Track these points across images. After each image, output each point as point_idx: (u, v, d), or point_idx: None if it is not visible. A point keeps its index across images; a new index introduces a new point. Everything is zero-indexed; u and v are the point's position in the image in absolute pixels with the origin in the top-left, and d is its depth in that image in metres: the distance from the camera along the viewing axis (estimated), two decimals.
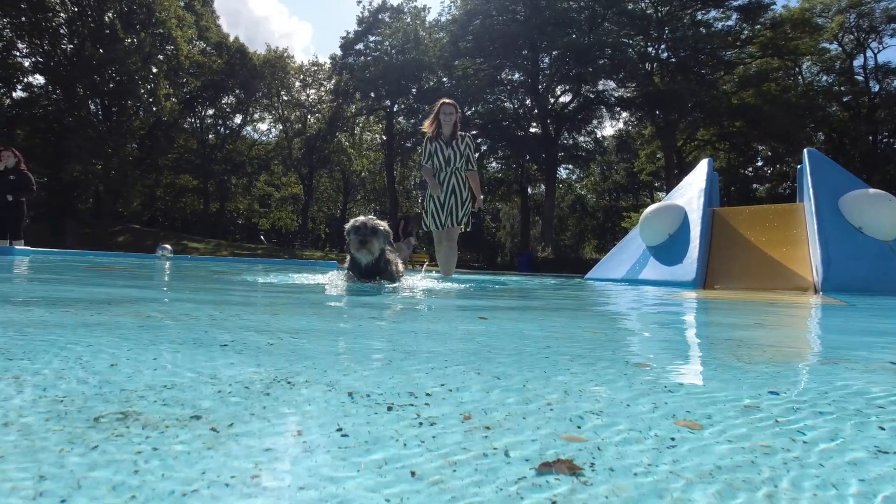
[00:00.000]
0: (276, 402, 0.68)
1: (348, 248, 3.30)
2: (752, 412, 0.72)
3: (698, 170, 7.60)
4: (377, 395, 0.74)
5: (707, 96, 26.06)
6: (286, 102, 38.21)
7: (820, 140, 30.55)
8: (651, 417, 0.68)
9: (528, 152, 29.90)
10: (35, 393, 0.68)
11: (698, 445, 0.58)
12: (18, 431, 0.54)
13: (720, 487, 0.48)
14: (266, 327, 1.41)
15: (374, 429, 0.60)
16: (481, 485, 0.46)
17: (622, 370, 0.99)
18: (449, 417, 0.65)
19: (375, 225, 3.25)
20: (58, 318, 1.40)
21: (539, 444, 0.57)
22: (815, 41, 27.91)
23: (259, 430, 0.58)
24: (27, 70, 27.51)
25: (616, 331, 1.87)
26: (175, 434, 0.55)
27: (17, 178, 8.14)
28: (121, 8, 27.58)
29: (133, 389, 0.71)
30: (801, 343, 1.76)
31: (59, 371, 0.80)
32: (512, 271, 21.14)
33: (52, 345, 1.00)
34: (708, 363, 1.20)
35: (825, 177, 6.39)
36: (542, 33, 26.81)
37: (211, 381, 0.78)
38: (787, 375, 1.05)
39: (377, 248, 3.22)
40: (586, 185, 42.83)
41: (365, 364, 0.99)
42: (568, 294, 4.04)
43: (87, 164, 26.36)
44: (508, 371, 0.94)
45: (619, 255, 7.84)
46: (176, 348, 1.02)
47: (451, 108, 5.46)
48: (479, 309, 2.34)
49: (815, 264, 5.49)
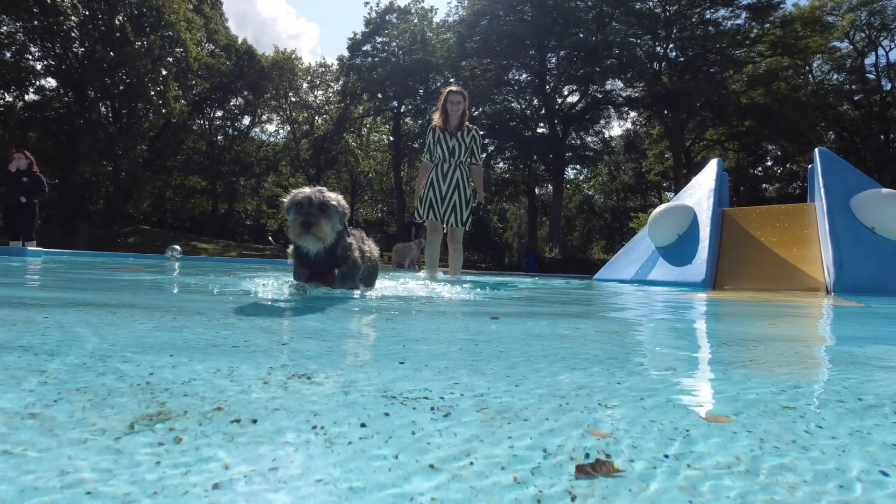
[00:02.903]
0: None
1: (288, 232, 2.42)
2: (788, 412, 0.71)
3: (707, 170, 7.55)
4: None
5: (716, 95, 25.86)
6: (294, 104, 38.42)
7: (831, 139, 30.28)
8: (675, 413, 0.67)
9: (536, 152, 29.85)
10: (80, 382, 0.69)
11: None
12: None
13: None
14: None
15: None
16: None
17: (648, 371, 0.99)
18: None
19: (325, 199, 2.38)
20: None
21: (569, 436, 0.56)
22: (826, 39, 27.63)
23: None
24: (39, 73, 27.82)
25: (636, 332, 1.86)
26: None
27: (29, 179, 8.24)
28: (131, 11, 27.85)
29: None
30: (822, 343, 1.74)
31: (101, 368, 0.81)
32: (519, 272, 21.11)
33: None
34: (729, 362, 1.19)
35: (837, 176, 6.33)
36: (549, 33, 26.76)
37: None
38: (806, 376, 1.04)
39: (329, 232, 2.38)
40: (594, 185, 42.69)
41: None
42: (592, 297, 4.02)
43: (97, 165, 26.66)
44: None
45: (628, 255, 7.81)
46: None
47: (459, 96, 5.23)
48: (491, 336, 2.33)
49: (827, 265, 5.43)
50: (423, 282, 4.14)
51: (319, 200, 2.37)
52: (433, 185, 5.31)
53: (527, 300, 3.17)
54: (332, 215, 2.40)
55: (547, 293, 4.00)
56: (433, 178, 5.34)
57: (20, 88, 27.54)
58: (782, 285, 5.59)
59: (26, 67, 27.14)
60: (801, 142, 26.62)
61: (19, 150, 8.57)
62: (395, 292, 2.92)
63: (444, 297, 2.86)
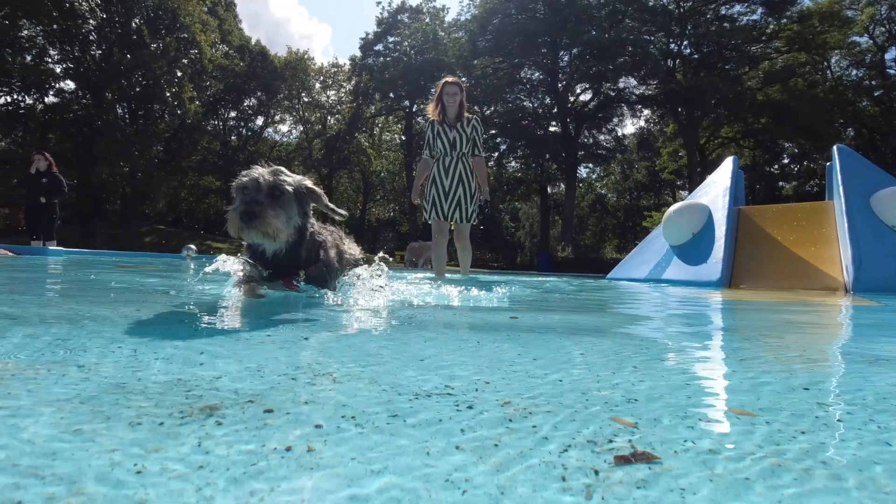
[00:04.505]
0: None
1: (226, 225, 1.84)
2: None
3: (723, 168, 7.47)
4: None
5: (731, 92, 25.54)
6: (306, 104, 38.69)
7: (850, 136, 29.73)
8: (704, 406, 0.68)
9: (548, 151, 29.74)
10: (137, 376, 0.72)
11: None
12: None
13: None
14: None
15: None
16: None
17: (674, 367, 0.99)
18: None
19: (277, 182, 1.84)
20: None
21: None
22: (845, 34, 27.12)
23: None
24: (59, 76, 28.33)
25: (658, 329, 1.86)
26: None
27: (48, 180, 8.41)
28: (147, 13, 28.26)
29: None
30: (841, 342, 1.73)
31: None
32: (532, 271, 21.05)
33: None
34: (751, 357, 1.19)
35: (856, 174, 6.22)
36: (562, 31, 26.65)
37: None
38: (825, 372, 1.04)
39: (281, 227, 1.81)
40: (606, 184, 42.41)
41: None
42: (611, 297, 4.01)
43: (114, 166, 27.09)
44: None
45: (642, 254, 7.75)
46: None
47: (455, 87, 4.98)
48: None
49: (846, 264, 5.35)
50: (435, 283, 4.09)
51: (270, 184, 1.82)
52: (435, 181, 5.08)
53: (545, 301, 3.17)
54: (287, 204, 1.85)
55: (572, 291, 4.00)
56: (434, 174, 5.11)
57: (40, 91, 28.07)
58: (800, 284, 5.52)
59: (46, 70, 27.65)
60: (818, 139, 26.18)
61: (38, 151, 8.76)
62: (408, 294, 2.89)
63: (472, 298, 2.84)
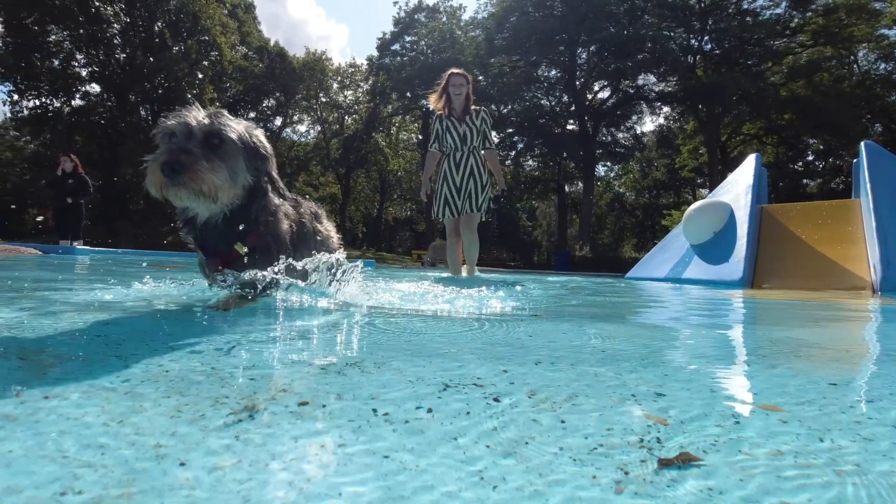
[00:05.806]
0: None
1: (145, 181, 1.46)
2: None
3: (745, 165, 7.34)
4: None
5: (754, 88, 24.98)
6: (324, 104, 39.03)
7: (877, 132, 28.90)
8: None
9: (566, 150, 29.52)
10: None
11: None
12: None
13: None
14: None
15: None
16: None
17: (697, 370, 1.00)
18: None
19: (216, 128, 1.43)
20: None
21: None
22: (873, 27, 26.31)
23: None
24: (84, 79, 29.05)
25: (681, 330, 1.85)
26: None
27: (75, 181, 8.63)
28: (169, 17, 28.81)
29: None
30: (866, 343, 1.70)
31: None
32: (549, 270, 20.94)
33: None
34: (776, 357, 1.18)
35: (884, 170, 6.06)
36: (579, 28, 26.38)
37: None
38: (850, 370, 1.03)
39: (221, 184, 1.41)
40: (625, 182, 41.89)
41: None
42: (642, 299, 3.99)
43: (138, 167, 27.55)
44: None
45: (662, 253, 7.66)
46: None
47: (462, 78, 4.83)
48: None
49: (874, 263, 5.22)
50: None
51: (206, 130, 1.39)
52: (446, 177, 4.89)
53: (573, 302, 3.16)
54: (230, 156, 1.41)
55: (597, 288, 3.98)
56: (445, 170, 4.91)
57: (67, 94, 28.81)
58: (825, 284, 5.40)
59: (73, 74, 28.36)
60: (844, 135, 25.49)
61: (65, 153, 9.00)
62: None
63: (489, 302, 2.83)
